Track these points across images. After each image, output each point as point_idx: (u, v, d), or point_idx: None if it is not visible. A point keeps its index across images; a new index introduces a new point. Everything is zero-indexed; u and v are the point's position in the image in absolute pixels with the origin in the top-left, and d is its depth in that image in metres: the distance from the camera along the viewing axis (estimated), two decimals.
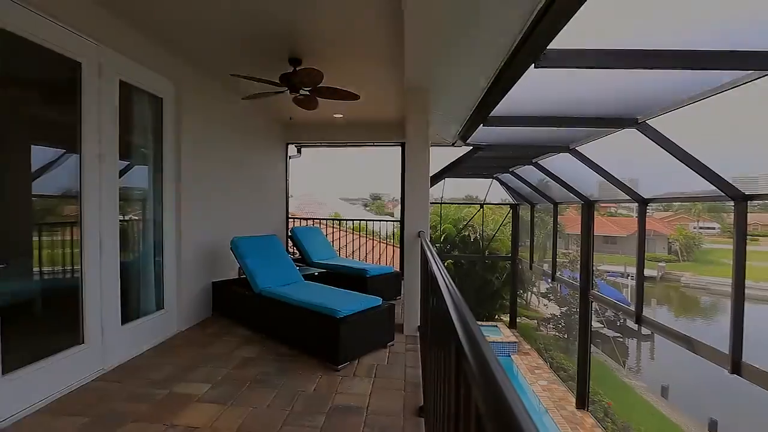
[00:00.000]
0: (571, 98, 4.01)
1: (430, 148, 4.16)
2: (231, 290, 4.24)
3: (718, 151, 4.32)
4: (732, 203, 4.26)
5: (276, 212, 6.21)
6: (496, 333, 11.55)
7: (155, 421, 2.32)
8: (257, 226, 5.45)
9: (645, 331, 15.76)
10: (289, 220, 6.66)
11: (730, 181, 4.19)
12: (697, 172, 4.27)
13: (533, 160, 7.56)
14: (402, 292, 4.44)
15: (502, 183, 11.06)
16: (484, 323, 12.56)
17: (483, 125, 4.65)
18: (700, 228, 40.04)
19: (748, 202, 4.16)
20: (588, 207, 7.61)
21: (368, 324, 3.38)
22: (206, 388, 2.74)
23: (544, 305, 16.88)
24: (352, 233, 8.10)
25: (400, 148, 5.98)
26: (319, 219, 7.66)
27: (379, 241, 8.08)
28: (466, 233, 14.12)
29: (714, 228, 40.34)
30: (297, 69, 3.47)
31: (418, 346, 3.58)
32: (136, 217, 3.53)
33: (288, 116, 5.54)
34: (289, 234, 6.15)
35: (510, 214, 12.23)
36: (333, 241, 7.16)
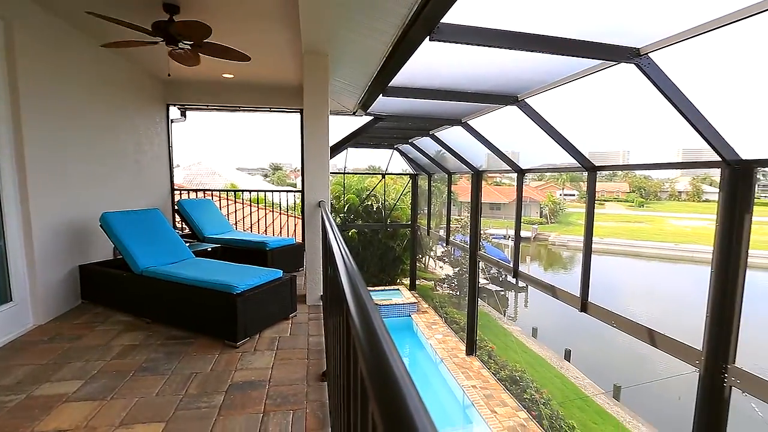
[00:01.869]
0: (462, 74, 4.25)
1: (331, 116, 4.07)
2: (105, 273, 3.69)
3: (577, 129, 5.04)
4: (586, 173, 5.08)
5: (158, 183, 5.50)
6: (398, 296, 12.29)
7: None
8: (135, 199, 4.78)
9: (521, 284, 18.39)
10: (175, 192, 5.97)
11: (586, 155, 4.98)
12: (562, 147, 4.96)
13: (430, 132, 7.96)
14: (304, 263, 4.39)
15: (402, 153, 11.46)
16: (387, 287, 13.24)
17: (383, 95, 4.69)
18: (564, 195, 47.44)
19: (598, 172, 5.01)
20: (477, 176, 8.37)
21: (268, 297, 3.29)
22: (78, 385, 2.40)
23: (440, 267, 18.42)
24: (251, 205, 7.64)
25: (299, 114, 5.71)
26: (212, 190, 7.04)
27: (280, 213, 7.79)
28: (369, 203, 14.43)
29: (574, 195, 48.16)
30: (173, 18, 3.02)
31: (322, 314, 3.62)
32: None
33: (167, 72, 4.84)
34: (176, 207, 5.54)
35: (410, 184, 12.83)
36: (229, 215, 6.69)
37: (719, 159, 3.22)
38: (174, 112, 5.94)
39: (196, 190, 6.68)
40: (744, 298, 3.15)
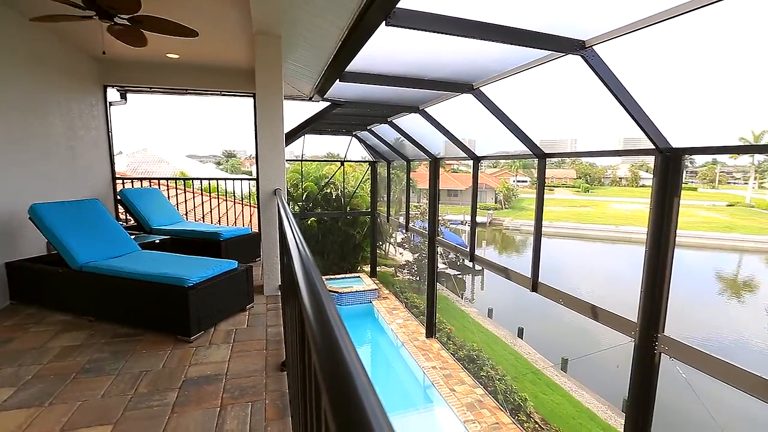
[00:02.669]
0: (420, 61, 4.26)
1: (286, 101, 3.94)
2: (38, 270, 3.39)
3: (529, 118, 5.24)
4: (537, 160, 5.31)
5: (97, 172, 5.08)
6: (359, 283, 12.35)
7: None
8: (71, 189, 4.39)
9: (478, 267, 19.11)
10: (117, 181, 5.56)
11: (537, 143, 5.19)
12: (515, 135, 5.14)
13: (388, 119, 7.95)
14: (261, 253, 4.27)
15: (360, 140, 11.38)
16: (347, 275, 13.25)
17: (340, 81, 4.60)
18: (517, 181, 49.54)
19: (547, 159, 5.26)
20: (435, 164, 8.50)
21: (223, 289, 3.18)
22: (9, 393, 2.20)
23: (400, 254, 18.69)
24: (202, 194, 7.27)
25: (252, 99, 5.47)
26: (160, 179, 6.62)
27: (235, 202, 7.49)
28: (329, 191, 14.26)
29: (526, 181, 50.44)
30: None
31: (280, 304, 3.56)
32: None
33: (102, 50, 4.44)
34: (118, 197, 5.16)
35: (369, 171, 12.80)
36: (178, 204, 6.34)
37: (653, 147, 3.49)
38: (113, 94, 5.47)
39: (141, 179, 6.25)
40: (672, 274, 3.48)
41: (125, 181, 5.87)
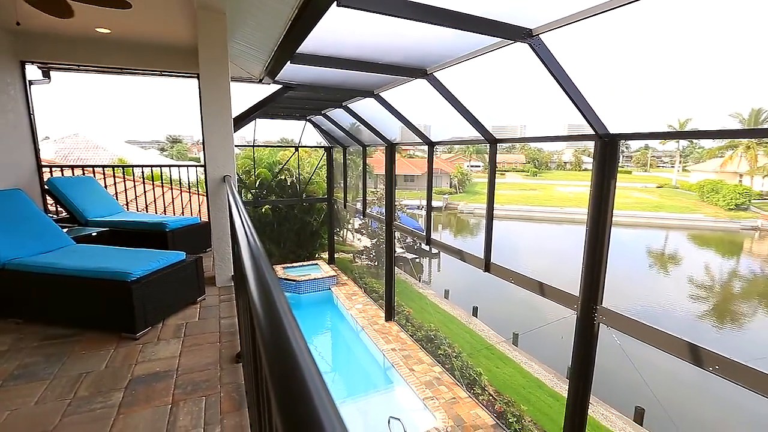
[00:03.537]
0: (374, 44, 4.19)
1: (234, 83, 3.74)
2: None
3: (481, 104, 5.36)
4: (488, 146, 5.47)
5: (17, 159, 4.55)
6: (317, 270, 12.24)
7: None
8: None
9: (434, 250, 19.62)
10: (44, 169, 5.03)
11: (489, 129, 5.34)
12: (467, 120, 5.25)
13: (343, 103, 7.81)
14: (212, 243, 4.09)
15: (315, 125, 11.12)
16: (305, 263, 13.07)
17: (291, 62, 4.42)
18: (471, 166, 51.04)
19: (498, 144, 5.43)
20: (391, 149, 8.51)
21: (171, 282, 3.01)
22: None
23: (358, 239, 18.71)
24: (144, 183, 6.77)
25: (196, 80, 5.12)
26: (95, 166, 6.08)
27: (181, 191, 7.07)
28: (283, 177, 13.85)
29: (479, 166, 52.11)
30: None
31: (234, 295, 3.44)
32: None
33: (15, 20, 3.93)
34: (46, 187, 4.69)
35: (324, 157, 12.58)
36: (118, 194, 5.87)
37: (594, 133, 3.71)
38: (33, 71, 4.89)
39: (73, 167, 5.70)
40: (609, 251, 3.77)
41: (54, 169, 5.34)
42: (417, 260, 19.78)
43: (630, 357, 4.77)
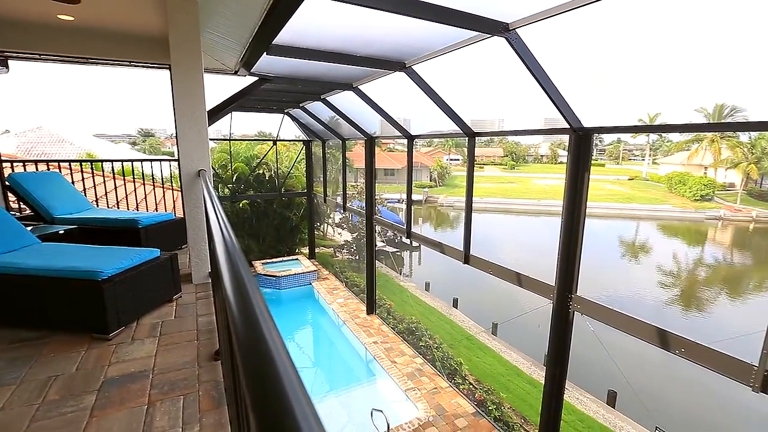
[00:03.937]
0: (352, 36, 4.14)
1: (209, 74, 3.62)
2: None
3: (459, 97, 5.39)
4: (467, 139, 5.52)
5: None
6: (297, 265, 12.13)
7: None
8: None
9: (414, 243, 19.77)
10: (5, 164, 4.77)
11: (467, 123, 5.38)
12: (446, 114, 5.28)
13: (321, 96, 7.71)
14: (188, 240, 3.98)
15: (293, 119, 10.94)
16: (285, 258, 12.92)
17: (267, 54, 4.32)
18: (450, 160, 51.44)
19: (476, 138, 5.49)
20: (370, 143, 8.47)
21: (144, 280, 2.93)
22: None
23: (339, 234, 18.63)
24: (114, 178, 6.51)
25: (168, 71, 4.94)
26: (61, 161, 5.81)
27: (155, 186, 6.85)
28: (261, 171, 13.60)
29: (458, 159, 52.58)
30: None
31: (211, 292, 3.37)
32: None
33: None
34: (7, 183, 4.45)
35: (303, 151, 12.41)
36: (86, 190, 5.63)
37: (569, 127, 3.79)
38: None
39: (37, 162, 5.43)
40: (583, 242, 3.88)
41: (15, 164, 5.07)
42: (398, 253, 19.89)
43: (603, 343, 4.94)
